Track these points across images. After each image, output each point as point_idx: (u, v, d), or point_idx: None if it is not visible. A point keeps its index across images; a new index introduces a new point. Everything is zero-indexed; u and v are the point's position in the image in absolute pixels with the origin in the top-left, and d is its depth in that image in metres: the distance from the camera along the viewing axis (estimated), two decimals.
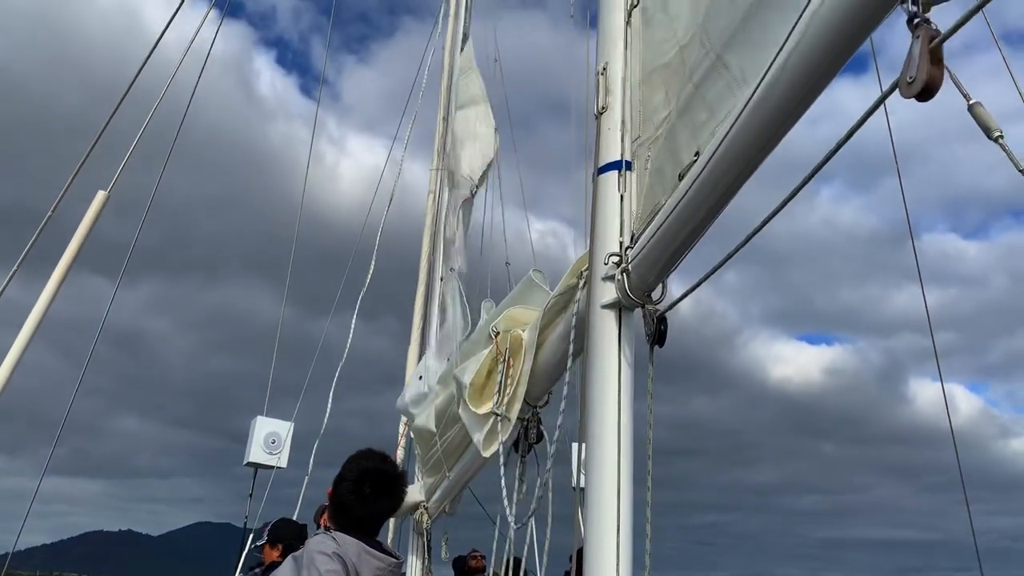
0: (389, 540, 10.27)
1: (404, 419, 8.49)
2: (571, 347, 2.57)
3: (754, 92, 1.57)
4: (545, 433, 3.38)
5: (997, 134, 1.59)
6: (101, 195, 2.05)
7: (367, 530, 3.17)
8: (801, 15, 1.43)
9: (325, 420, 6.83)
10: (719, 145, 1.71)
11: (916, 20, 1.22)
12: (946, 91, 1.27)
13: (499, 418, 3.28)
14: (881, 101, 1.36)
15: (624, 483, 2.09)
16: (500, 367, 3.36)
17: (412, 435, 5.80)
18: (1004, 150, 1.59)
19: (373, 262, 6.98)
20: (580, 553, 2.14)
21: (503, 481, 3.28)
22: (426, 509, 5.71)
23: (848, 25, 1.36)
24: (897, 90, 1.26)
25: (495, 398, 3.31)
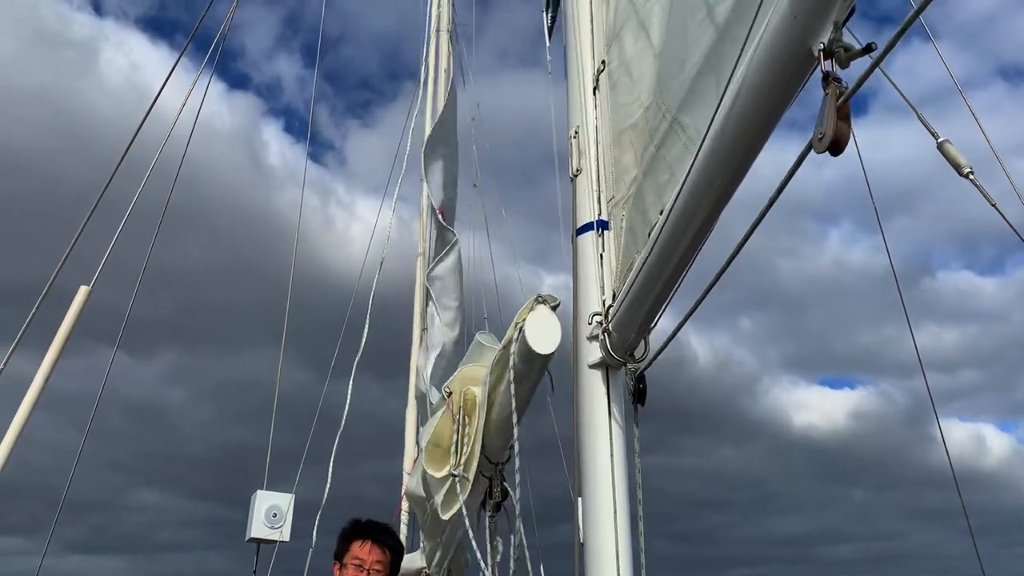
0: None
1: (407, 472, 8.42)
2: (513, 401, 2.57)
3: (699, 150, 1.64)
4: (509, 489, 3.36)
5: (967, 170, 1.65)
6: (84, 290, 2.09)
7: None
8: (731, 78, 1.50)
9: (327, 489, 6.75)
10: (676, 202, 1.77)
11: (828, 78, 1.29)
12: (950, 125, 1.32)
13: (456, 479, 3.27)
14: (803, 157, 1.43)
15: (622, 536, 2.11)
16: (455, 427, 3.36)
17: (408, 500, 5.76)
18: (975, 185, 1.64)
19: (367, 326, 7.00)
20: None
21: (473, 543, 3.27)
22: (428, 575, 5.64)
23: (773, 87, 1.43)
24: (812, 148, 1.32)
25: (452, 459, 3.31)
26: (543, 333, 2.38)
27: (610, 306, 2.23)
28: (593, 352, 2.25)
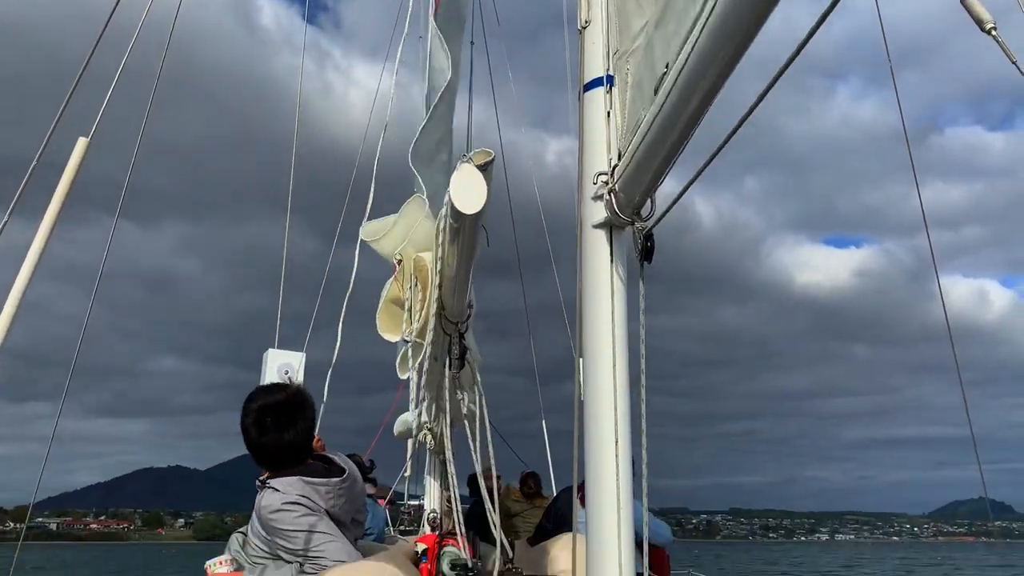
0: (407, 462, 10.48)
1: None
2: (455, 263, 2.59)
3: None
4: (468, 351, 3.43)
5: (990, 26, 1.57)
6: (82, 142, 2.05)
7: (297, 461, 3.23)
8: None
9: (336, 348, 6.92)
10: (687, 57, 1.70)
11: None
12: None
13: (409, 344, 3.32)
14: (831, 9, 1.35)
15: (621, 394, 2.15)
16: (408, 293, 3.39)
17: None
18: (997, 42, 1.56)
19: (372, 192, 6.96)
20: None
21: (416, 402, 3.36)
22: (430, 430, 5.84)
23: None
24: None
25: (404, 326, 3.35)
26: (468, 192, 2.38)
27: (615, 165, 2.19)
28: (598, 212, 2.23)
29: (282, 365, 6.81)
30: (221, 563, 3.19)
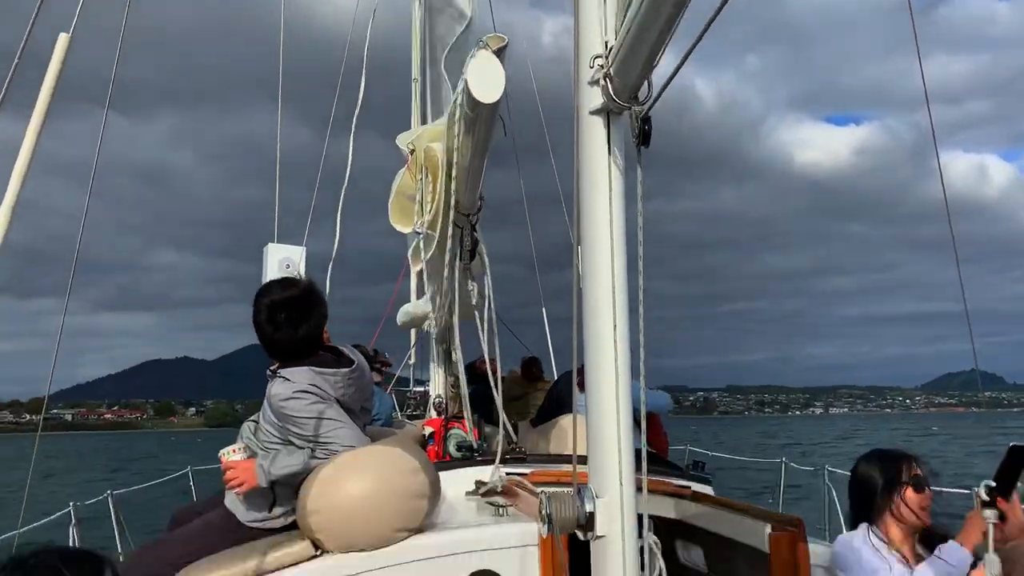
0: (411, 350, 10.66)
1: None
2: (468, 154, 2.54)
3: None
4: (480, 241, 3.43)
5: None
6: (63, 38, 2.00)
7: (310, 354, 3.30)
8: None
9: (336, 241, 6.92)
10: None
11: None
12: None
13: (421, 236, 3.31)
14: None
15: (619, 279, 2.16)
16: (419, 184, 3.35)
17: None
18: None
19: (363, 78, 6.79)
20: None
21: (427, 293, 3.37)
22: (435, 319, 5.92)
23: None
24: None
25: (415, 218, 3.32)
26: (486, 81, 2.31)
27: (611, 48, 2.14)
28: (594, 98, 2.19)
29: (283, 259, 6.83)
30: (234, 451, 3.30)
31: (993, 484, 2.20)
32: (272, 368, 3.32)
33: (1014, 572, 2.24)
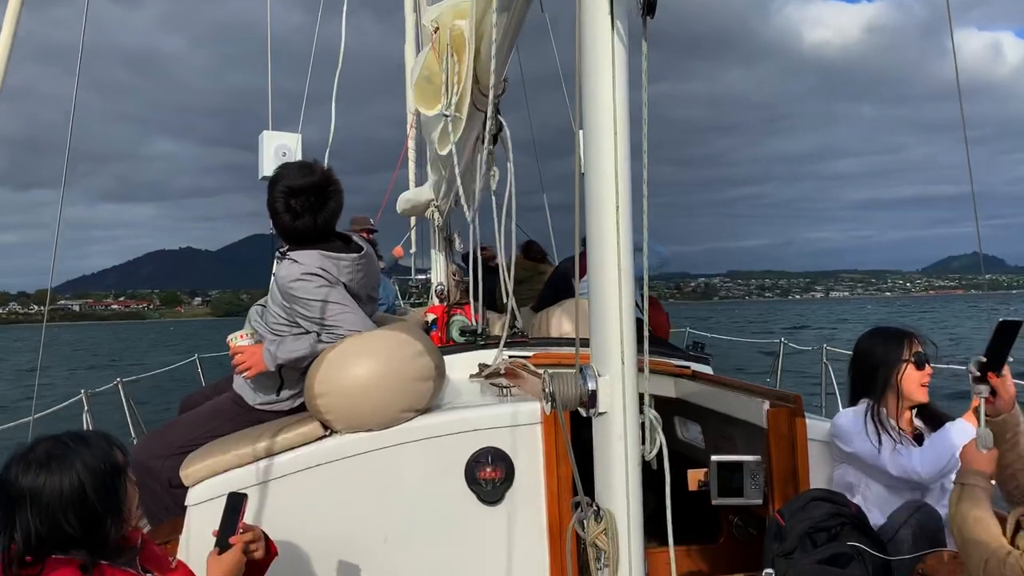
0: (412, 237, 10.66)
1: (411, 115, 8.43)
2: (494, 32, 2.43)
3: None
4: (504, 123, 3.36)
5: None
6: None
7: (324, 240, 3.30)
8: None
9: (332, 127, 6.82)
10: None
11: None
12: None
13: (448, 119, 3.23)
14: None
15: (621, 163, 2.13)
16: (443, 65, 3.24)
17: (422, 131, 5.82)
18: None
19: None
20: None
21: (458, 179, 3.32)
22: (437, 207, 5.89)
23: None
24: None
25: (443, 99, 3.22)
26: None
27: None
28: None
29: (279, 147, 6.74)
30: (242, 336, 3.35)
31: (984, 359, 2.23)
32: (282, 250, 3.33)
33: (1004, 442, 2.30)
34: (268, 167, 6.57)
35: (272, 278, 3.38)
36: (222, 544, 2.14)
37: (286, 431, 3.01)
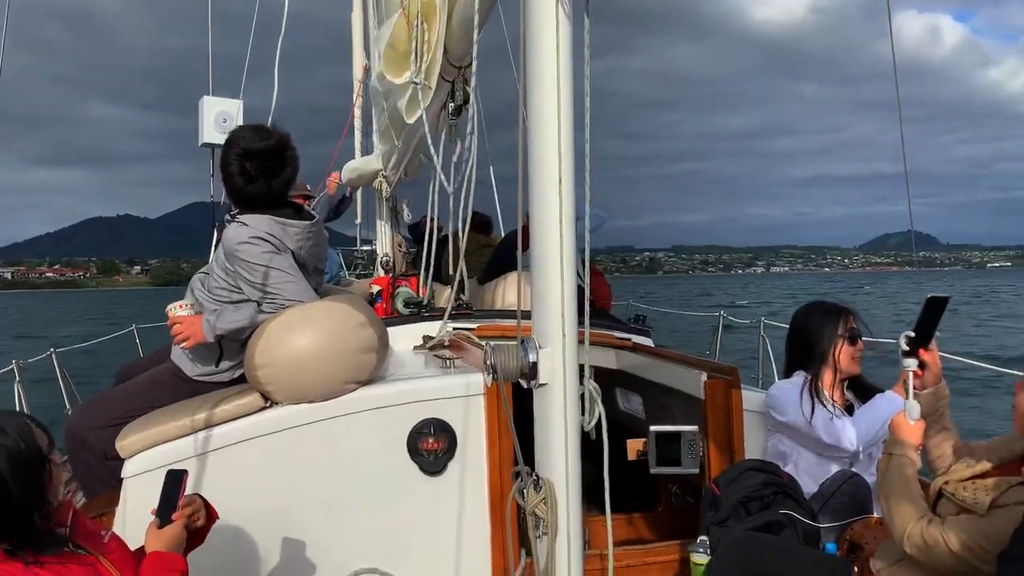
0: (357, 208, 10.56)
1: (357, 82, 8.30)
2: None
3: None
4: (471, 93, 3.35)
5: None
6: None
7: (276, 206, 3.26)
8: None
9: (275, 94, 6.70)
10: None
11: None
12: None
13: (418, 87, 3.21)
14: None
15: (564, 136, 2.14)
16: (414, 33, 3.21)
17: (371, 98, 5.74)
18: None
19: None
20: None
21: (431, 148, 3.31)
22: (385, 177, 5.84)
23: None
24: None
25: (411, 67, 3.20)
26: None
27: None
28: None
29: (219, 113, 6.60)
30: (181, 306, 3.29)
31: (912, 334, 2.31)
32: (232, 213, 3.28)
33: (930, 414, 2.39)
34: (208, 134, 6.43)
35: (213, 248, 3.32)
36: (163, 520, 2.10)
37: (225, 402, 2.98)
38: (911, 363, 2.32)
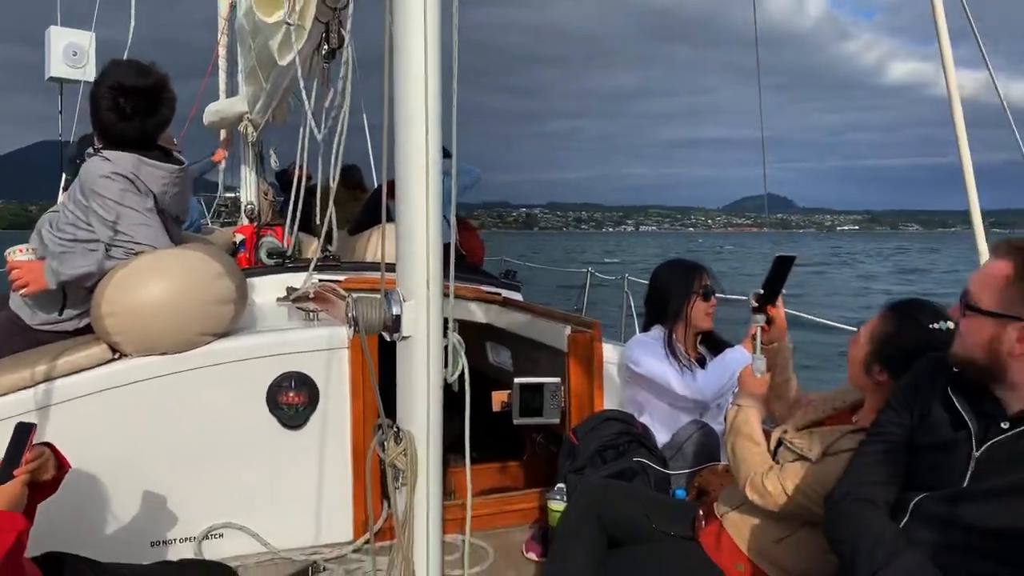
0: (215, 150, 10.08)
1: (222, 19, 7.89)
2: None
3: None
4: (346, 36, 3.26)
5: None
6: None
7: (142, 147, 3.11)
8: None
9: (131, 27, 6.31)
10: None
11: None
12: None
13: (292, 27, 3.10)
14: None
15: (432, 81, 2.10)
16: None
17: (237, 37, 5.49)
18: None
19: None
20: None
21: (303, 92, 3.21)
22: (251, 121, 5.60)
23: None
24: None
25: (285, 6, 3.09)
26: None
27: None
28: None
29: (69, 45, 6.16)
30: (21, 251, 3.06)
31: (761, 292, 2.43)
32: (96, 147, 3.07)
33: (775, 368, 2.53)
34: (56, 67, 5.98)
35: (62, 190, 3.10)
36: (3, 476, 1.97)
37: (69, 353, 2.81)
38: (759, 319, 2.43)
